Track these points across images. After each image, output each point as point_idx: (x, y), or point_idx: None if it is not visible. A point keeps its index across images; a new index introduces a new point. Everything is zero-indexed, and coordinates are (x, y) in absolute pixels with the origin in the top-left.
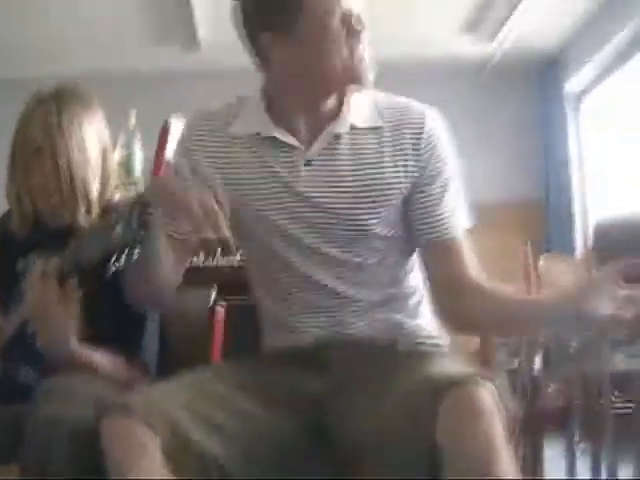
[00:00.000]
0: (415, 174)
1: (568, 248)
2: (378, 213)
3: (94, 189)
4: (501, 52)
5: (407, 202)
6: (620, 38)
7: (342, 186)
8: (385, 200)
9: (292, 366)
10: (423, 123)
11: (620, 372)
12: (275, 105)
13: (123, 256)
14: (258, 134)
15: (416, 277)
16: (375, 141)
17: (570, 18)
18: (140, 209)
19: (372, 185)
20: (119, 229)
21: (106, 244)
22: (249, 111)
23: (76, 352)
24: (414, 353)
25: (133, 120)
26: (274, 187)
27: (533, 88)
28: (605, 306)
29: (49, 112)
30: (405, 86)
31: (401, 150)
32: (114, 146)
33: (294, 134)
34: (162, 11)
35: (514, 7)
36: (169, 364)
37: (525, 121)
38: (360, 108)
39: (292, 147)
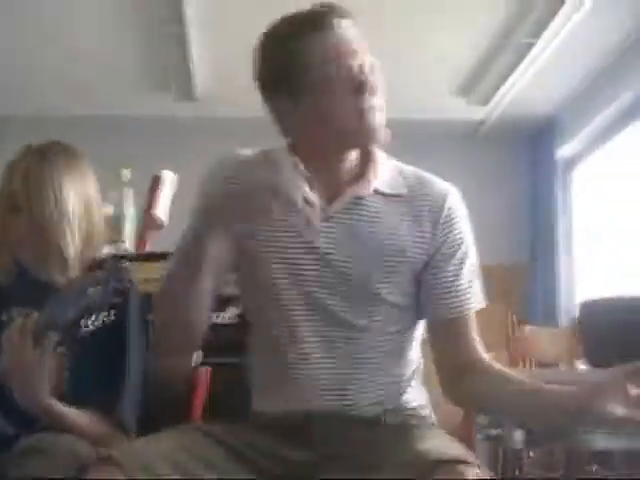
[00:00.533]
0: (430, 249)
1: (552, 315)
2: (389, 279)
3: (71, 247)
4: (494, 116)
5: (420, 276)
6: (614, 109)
7: (357, 248)
8: (397, 268)
9: (280, 434)
10: (444, 200)
11: (601, 449)
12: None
13: (97, 318)
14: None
15: (415, 350)
16: (395, 209)
17: (564, 86)
18: (116, 275)
19: (386, 251)
20: (93, 292)
21: (80, 305)
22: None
23: (50, 408)
24: (401, 428)
25: (125, 177)
26: (291, 240)
27: (524, 153)
28: (617, 406)
29: (31, 168)
30: (397, 147)
31: (419, 222)
32: (103, 201)
33: (317, 190)
34: (159, 59)
35: (509, 73)
36: (150, 423)
37: (515, 186)
38: (385, 174)
39: (311, 203)
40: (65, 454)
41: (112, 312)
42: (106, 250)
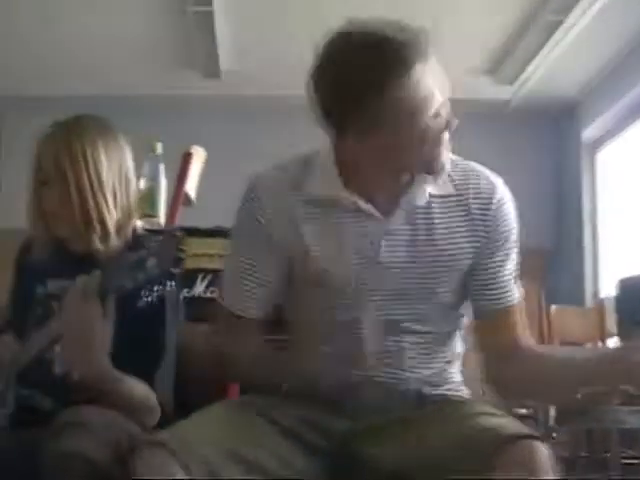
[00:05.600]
0: (481, 242)
1: (577, 298)
2: (446, 283)
3: (111, 217)
4: (520, 96)
5: (470, 268)
6: (638, 90)
7: (418, 256)
8: (455, 268)
9: (317, 404)
10: (492, 192)
11: (626, 429)
12: (349, 172)
13: (154, 290)
14: (334, 200)
15: (459, 339)
16: (447, 210)
17: (591, 66)
18: (173, 246)
19: (445, 254)
20: (150, 264)
21: (137, 277)
22: (323, 172)
23: (108, 374)
24: (455, 403)
25: (159, 151)
26: (349, 255)
27: (550, 134)
28: None
29: (61, 141)
30: None
31: (470, 219)
32: (138, 175)
33: (371, 202)
34: (185, 37)
35: (536, 52)
36: (184, 399)
37: (540, 168)
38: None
39: (370, 216)
40: (106, 428)
41: (169, 284)
42: (140, 224)
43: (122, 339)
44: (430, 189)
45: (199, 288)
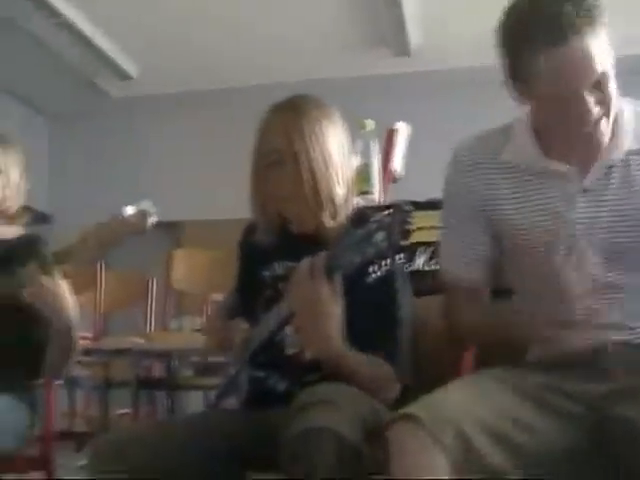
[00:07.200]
0: None
1: None
2: None
3: (339, 194)
4: None
5: None
6: None
7: (616, 214)
8: None
9: (569, 371)
10: None
11: None
12: (544, 134)
13: (382, 264)
14: (530, 164)
15: None
16: None
17: None
18: (401, 218)
19: None
20: (379, 237)
21: (366, 251)
22: (519, 138)
23: (344, 353)
24: None
25: (370, 128)
26: (547, 217)
27: None
28: None
29: (289, 120)
30: None
31: None
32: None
33: (567, 163)
34: (373, 17)
35: None
36: (419, 372)
37: None
38: (631, 131)
39: (566, 176)
40: (352, 405)
41: (397, 257)
42: (357, 201)
43: (355, 316)
44: (628, 144)
45: (419, 261)
